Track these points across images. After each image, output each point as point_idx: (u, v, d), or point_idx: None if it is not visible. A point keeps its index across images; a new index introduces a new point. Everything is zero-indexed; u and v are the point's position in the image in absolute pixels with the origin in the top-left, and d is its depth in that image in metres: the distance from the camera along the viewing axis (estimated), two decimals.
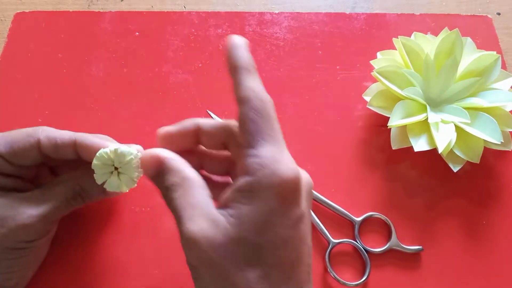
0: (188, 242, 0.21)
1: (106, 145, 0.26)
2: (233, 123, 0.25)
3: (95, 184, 0.26)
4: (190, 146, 0.26)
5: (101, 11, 0.43)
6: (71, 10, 0.43)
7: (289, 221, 0.22)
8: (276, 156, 0.22)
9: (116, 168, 0.26)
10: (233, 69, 0.23)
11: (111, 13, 0.43)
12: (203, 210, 0.22)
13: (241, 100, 0.23)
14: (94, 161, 0.26)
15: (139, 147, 0.27)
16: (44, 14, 0.43)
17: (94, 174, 0.26)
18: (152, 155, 0.23)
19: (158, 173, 0.23)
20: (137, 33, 0.42)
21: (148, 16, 0.43)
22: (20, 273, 0.28)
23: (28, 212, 0.26)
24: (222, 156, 0.27)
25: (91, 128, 0.37)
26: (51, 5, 0.44)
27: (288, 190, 0.22)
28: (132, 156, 0.25)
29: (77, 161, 0.27)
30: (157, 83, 0.40)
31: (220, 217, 0.22)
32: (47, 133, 0.26)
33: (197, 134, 0.25)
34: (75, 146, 0.26)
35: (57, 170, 0.31)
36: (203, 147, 0.27)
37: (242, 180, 0.22)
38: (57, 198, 0.27)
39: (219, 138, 0.25)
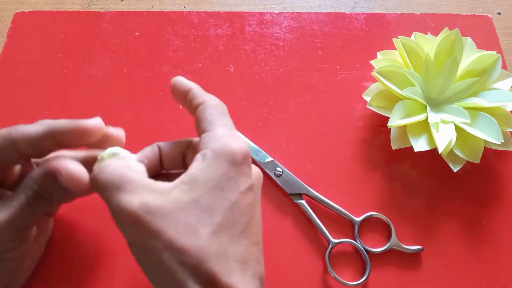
0: (130, 219, 0.22)
1: (81, 126, 0.25)
2: (187, 139, 0.28)
3: (56, 182, 0.25)
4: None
5: (101, 11, 0.43)
6: (71, 10, 0.43)
7: (239, 187, 0.24)
8: (228, 134, 0.25)
9: None
10: (186, 91, 0.27)
11: (111, 13, 0.43)
12: (142, 184, 0.23)
13: (199, 104, 0.26)
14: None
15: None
16: (44, 14, 0.43)
17: None
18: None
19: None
20: (137, 33, 0.42)
21: (148, 16, 0.43)
22: (5, 282, 0.27)
23: None
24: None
25: None
26: (51, 5, 0.44)
27: (239, 158, 0.24)
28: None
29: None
30: (157, 83, 0.40)
31: (169, 187, 0.23)
32: (21, 132, 0.25)
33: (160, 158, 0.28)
34: (53, 135, 0.25)
35: None
36: None
37: (197, 155, 0.24)
38: (18, 201, 0.25)
39: (177, 154, 0.28)
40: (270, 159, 0.36)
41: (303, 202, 0.34)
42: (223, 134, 0.25)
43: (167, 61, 0.41)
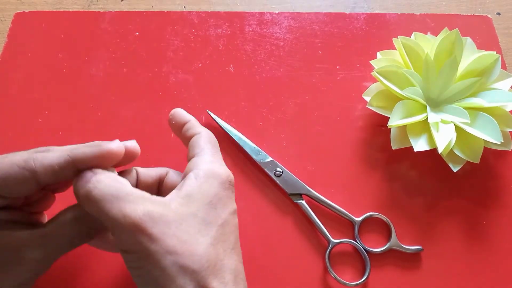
0: (132, 226, 0.22)
1: (105, 149, 0.25)
2: (166, 168, 0.30)
3: (100, 221, 0.26)
4: None
5: (101, 11, 0.43)
6: (71, 10, 0.43)
7: (228, 208, 0.26)
8: (217, 161, 0.27)
9: None
10: (183, 123, 0.30)
11: (111, 13, 0.43)
12: (141, 195, 0.24)
13: (194, 134, 0.29)
14: None
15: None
16: (44, 14, 0.43)
17: None
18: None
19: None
20: (137, 33, 0.42)
21: (148, 16, 0.43)
22: None
23: (31, 256, 0.25)
24: None
25: (91, 128, 0.37)
26: (51, 5, 0.44)
27: (226, 183, 0.26)
28: None
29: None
30: (157, 83, 0.40)
31: (167, 199, 0.24)
32: (40, 161, 0.24)
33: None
34: (74, 163, 0.25)
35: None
36: None
37: (188, 174, 0.26)
38: (63, 239, 0.26)
39: (154, 181, 0.29)
40: (270, 159, 0.36)
41: (303, 202, 0.34)
42: (213, 160, 0.27)
43: (167, 61, 0.41)
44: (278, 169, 0.35)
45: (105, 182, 0.23)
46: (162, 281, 0.22)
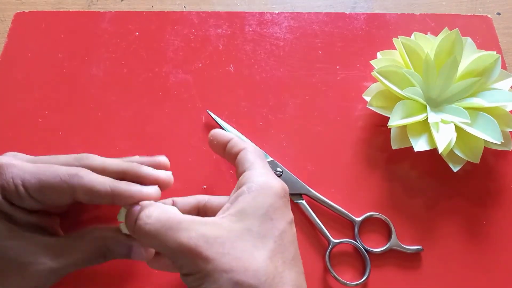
0: (190, 252, 0.23)
1: (144, 194, 0.26)
2: (204, 196, 0.30)
3: (122, 245, 0.27)
4: None
5: (101, 11, 0.43)
6: (71, 10, 0.43)
7: (285, 218, 0.26)
8: (268, 173, 0.27)
9: None
10: (226, 142, 0.30)
11: (111, 13, 0.43)
12: (192, 220, 0.24)
13: (240, 150, 0.29)
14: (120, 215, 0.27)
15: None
16: (44, 14, 0.43)
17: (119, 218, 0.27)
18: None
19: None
20: (137, 33, 0.42)
21: (148, 16, 0.43)
22: None
23: (49, 263, 0.26)
24: None
25: (91, 128, 0.37)
26: (51, 5, 0.44)
27: (282, 193, 0.26)
28: None
29: None
30: (157, 83, 0.40)
31: (219, 219, 0.25)
32: (83, 183, 0.26)
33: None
34: (112, 197, 0.26)
35: None
36: None
37: (241, 189, 0.26)
38: (81, 254, 0.27)
39: (193, 210, 0.30)
40: (270, 159, 0.36)
41: (303, 202, 0.34)
42: (265, 173, 0.27)
43: (167, 61, 0.41)
44: (278, 169, 0.35)
45: (154, 216, 0.24)
46: None
